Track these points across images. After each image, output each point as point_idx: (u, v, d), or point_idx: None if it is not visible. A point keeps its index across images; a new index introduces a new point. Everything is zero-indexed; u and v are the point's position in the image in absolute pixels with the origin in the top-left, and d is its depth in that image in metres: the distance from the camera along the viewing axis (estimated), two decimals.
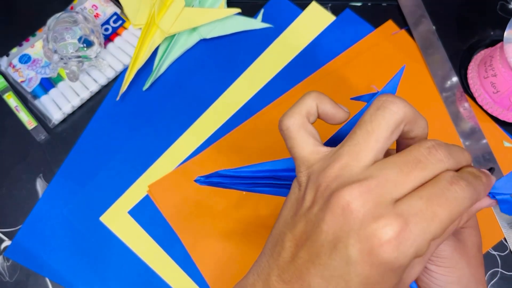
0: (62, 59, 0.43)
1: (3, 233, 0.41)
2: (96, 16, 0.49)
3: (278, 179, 0.28)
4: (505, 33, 0.40)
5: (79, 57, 0.44)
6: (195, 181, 0.30)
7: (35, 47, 0.47)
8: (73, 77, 0.44)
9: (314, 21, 0.48)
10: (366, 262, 0.20)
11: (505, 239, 0.40)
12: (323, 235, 0.21)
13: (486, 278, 0.39)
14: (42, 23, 0.46)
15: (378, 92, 0.27)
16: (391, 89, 0.27)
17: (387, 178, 0.21)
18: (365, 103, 0.27)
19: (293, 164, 0.26)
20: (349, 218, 0.20)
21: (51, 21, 0.44)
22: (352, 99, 0.29)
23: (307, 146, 0.25)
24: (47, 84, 0.45)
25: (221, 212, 0.41)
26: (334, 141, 0.27)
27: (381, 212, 0.20)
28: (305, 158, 0.24)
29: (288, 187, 0.27)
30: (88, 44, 0.44)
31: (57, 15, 0.44)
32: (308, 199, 0.23)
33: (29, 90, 0.45)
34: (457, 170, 0.23)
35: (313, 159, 0.24)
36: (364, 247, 0.20)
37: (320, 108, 0.27)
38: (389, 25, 0.48)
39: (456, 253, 0.28)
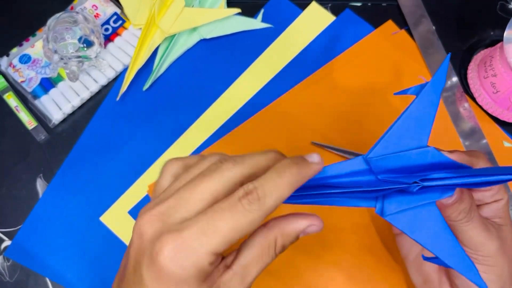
0: (62, 59, 0.43)
1: (3, 233, 0.41)
2: (96, 16, 0.49)
3: (343, 185, 0.26)
4: (505, 33, 0.40)
5: (79, 57, 0.44)
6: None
7: (35, 47, 0.47)
8: (73, 77, 0.44)
9: (314, 21, 0.48)
10: (153, 277, 0.21)
11: None
12: (130, 261, 0.23)
13: None
14: (42, 23, 0.46)
15: (426, 83, 0.26)
16: (439, 80, 0.26)
17: (178, 197, 0.23)
18: (414, 96, 0.27)
19: (361, 165, 0.26)
20: (142, 241, 0.22)
21: (51, 21, 0.44)
22: (396, 94, 0.29)
23: None
24: (47, 84, 0.46)
25: None
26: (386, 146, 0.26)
27: (164, 230, 0.21)
28: None
29: (359, 194, 0.26)
30: (88, 44, 0.44)
31: (57, 15, 0.44)
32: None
33: (29, 90, 0.45)
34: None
35: None
36: (150, 264, 0.21)
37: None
38: (389, 25, 0.48)
39: (500, 251, 0.28)
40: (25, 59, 0.46)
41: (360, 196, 0.26)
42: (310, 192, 0.26)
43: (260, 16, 0.49)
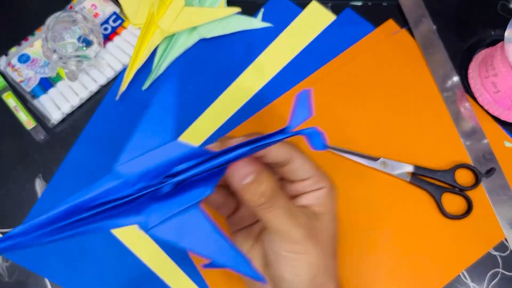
0: (61, 58, 0.43)
1: (2, 233, 0.41)
2: (96, 15, 0.48)
3: (94, 207, 0.23)
4: (506, 33, 0.40)
5: (78, 56, 0.43)
6: None
7: (34, 46, 0.47)
8: (72, 77, 0.44)
9: (314, 20, 0.48)
10: None
11: (506, 239, 0.40)
12: None
13: (486, 279, 0.39)
14: (41, 22, 0.46)
15: (160, 91, 0.26)
16: (172, 81, 0.26)
17: None
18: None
19: (109, 183, 0.23)
20: None
21: (50, 21, 0.43)
22: None
23: None
24: (46, 84, 0.45)
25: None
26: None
27: None
28: None
29: (121, 211, 0.23)
30: (87, 43, 0.43)
31: (56, 14, 0.44)
32: None
33: (28, 89, 0.45)
34: None
35: None
36: None
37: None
38: (390, 25, 0.48)
39: (308, 238, 0.28)
40: (24, 58, 0.46)
41: (122, 213, 0.24)
42: (69, 221, 0.22)
43: (260, 15, 0.48)
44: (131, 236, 0.40)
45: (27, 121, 0.44)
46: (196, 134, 0.44)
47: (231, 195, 0.32)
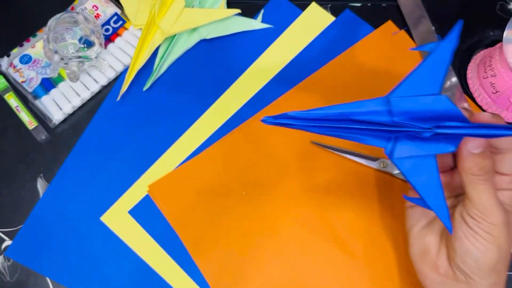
0: (62, 59, 0.43)
1: (4, 232, 0.41)
2: (97, 16, 0.49)
3: (362, 122, 0.28)
4: (505, 33, 0.40)
5: (79, 57, 0.44)
6: (262, 120, 0.29)
7: (35, 47, 0.47)
8: (74, 78, 0.44)
9: (314, 21, 0.48)
10: None
11: None
12: None
13: None
14: (43, 23, 0.46)
15: (440, 40, 0.29)
16: (452, 39, 0.29)
17: None
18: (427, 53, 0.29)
19: (377, 106, 0.28)
20: None
21: (51, 22, 0.44)
22: (412, 49, 0.32)
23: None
24: (48, 84, 0.46)
25: (221, 211, 0.41)
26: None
27: None
28: None
29: (374, 133, 0.28)
30: (89, 44, 0.44)
31: (58, 15, 0.44)
32: None
33: (30, 90, 0.45)
34: None
35: None
36: None
37: None
38: (389, 26, 0.48)
39: (506, 226, 0.29)
40: (26, 59, 0.47)
41: (375, 135, 0.29)
42: (332, 125, 0.28)
43: (260, 16, 0.49)
44: (133, 236, 0.41)
45: (29, 121, 0.44)
46: (196, 135, 0.44)
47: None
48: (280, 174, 0.42)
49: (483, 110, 0.44)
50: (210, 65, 0.47)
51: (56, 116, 0.44)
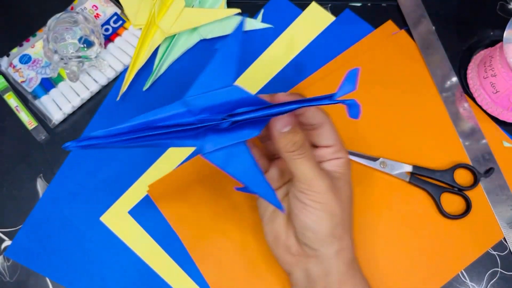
0: (62, 59, 0.43)
1: (4, 233, 0.41)
2: (97, 16, 0.49)
3: (167, 127, 0.29)
4: (505, 33, 0.40)
5: (79, 57, 0.44)
6: (63, 147, 0.29)
7: (35, 47, 0.47)
8: (74, 77, 0.44)
9: (314, 21, 0.48)
10: None
11: (504, 239, 0.40)
12: None
13: (485, 278, 0.39)
14: (43, 23, 0.46)
15: (227, 36, 0.30)
16: (238, 32, 0.31)
17: None
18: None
19: (177, 109, 0.29)
20: None
21: (51, 21, 0.44)
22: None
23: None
24: (48, 84, 0.46)
25: (221, 211, 0.41)
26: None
27: None
28: None
29: (182, 134, 0.29)
30: (89, 44, 0.44)
31: (58, 15, 0.44)
32: None
33: (30, 90, 0.45)
34: None
35: None
36: None
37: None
38: (389, 25, 0.48)
39: (331, 191, 0.31)
40: (26, 59, 0.46)
41: (181, 136, 0.29)
42: (138, 135, 0.28)
43: (260, 16, 0.49)
44: (132, 236, 0.41)
45: (28, 121, 0.44)
46: None
47: (264, 157, 0.36)
48: None
49: (483, 110, 0.44)
50: None
51: (56, 116, 0.44)
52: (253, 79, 0.46)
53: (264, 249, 0.40)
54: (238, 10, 0.48)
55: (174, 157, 0.43)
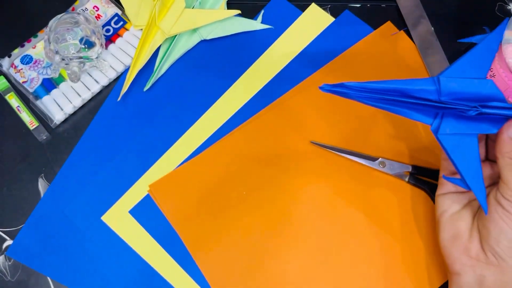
0: (63, 59, 0.44)
1: (5, 232, 0.42)
2: (98, 17, 0.49)
3: (412, 97, 0.30)
4: (504, 34, 0.40)
5: (80, 58, 0.44)
6: (320, 88, 0.31)
7: (36, 48, 0.47)
8: (75, 78, 0.44)
9: (314, 22, 0.49)
10: None
11: None
12: None
13: None
14: (44, 24, 0.46)
15: (488, 33, 0.31)
16: (499, 33, 0.31)
17: None
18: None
19: (427, 85, 0.30)
20: None
21: (52, 22, 0.44)
22: (460, 41, 0.34)
23: None
24: (49, 85, 0.46)
25: (222, 211, 0.41)
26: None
27: None
28: None
29: (422, 108, 0.30)
30: (90, 45, 0.44)
31: (59, 16, 0.44)
32: None
33: (31, 90, 0.46)
34: None
35: None
36: None
37: None
38: (388, 26, 0.48)
39: None
40: (27, 59, 0.47)
41: (422, 110, 0.31)
42: (384, 97, 0.30)
43: (260, 17, 0.49)
44: (133, 235, 0.41)
45: (30, 122, 0.44)
46: (196, 134, 0.44)
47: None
48: (279, 175, 0.42)
49: None
50: (211, 65, 0.47)
51: (57, 116, 0.44)
52: (253, 80, 0.46)
53: (264, 248, 0.40)
54: (238, 11, 0.48)
55: (174, 156, 0.43)
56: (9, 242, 0.41)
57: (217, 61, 0.47)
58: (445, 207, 0.36)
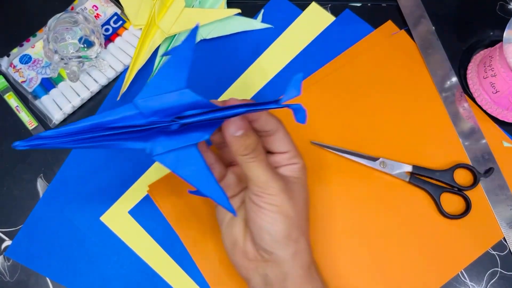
0: (62, 59, 0.43)
1: (4, 232, 0.41)
2: (97, 16, 0.49)
3: (118, 128, 0.29)
4: (505, 34, 0.40)
5: (79, 57, 0.44)
6: (13, 146, 0.30)
7: (35, 47, 0.47)
8: (74, 77, 0.44)
9: (314, 21, 0.48)
10: None
11: (504, 239, 0.40)
12: None
13: (485, 278, 0.39)
14: (43, 23, 0.46)
15: (181, 42, 0.31)
16: (191, 38, 0.31)
17: None
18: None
19: (128, 111, 0.29)
20: None
21: (51, 22, 0.44)
22: (163, 55, 0.34)
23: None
24: (48, 84, 0.46)
25: None
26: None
27: None
28: None
29: (133, 136, 0.29)
30: (89, 44, 0.44)
31: (58, 15, 0.44)
32: None
33: (30, 90, 0.45)
34: None
35: None
36: None
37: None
38: (389, 26, 0.48)
39: (285, 192, 0.31)
40: (26, 59, 0.47)
41: (133, 137, 0.29)
42: (88, 136, 0.29)
43: (260, 16, 0.49)
44: (132, 236, 0.41)
45: (29, 121, 0.44)
46: None
47: (219, 161, 0.35)
48: None
49: (483, 110, 0.44)
50: (210, 65, 0.47)
51: (56, 116, 0.44)
52: (253, 80, 0.46)
53: None
54: (238, 10, 0.48)
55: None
56: (8, 242, 0.41)
57: (217, 60, 0.47)
58: (222, 215, 0.35)
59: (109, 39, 0.48)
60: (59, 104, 0.45)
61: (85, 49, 0.44)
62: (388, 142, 0.43)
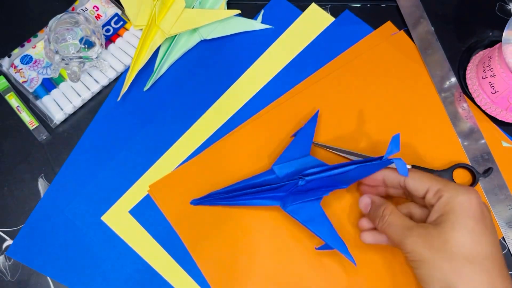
0: (63, 59, 0.44)
1: (5, 232, 0.42)
2: (97, 17, 0.49)
3: (259, 186, 0.39)
4: (504, 34, 0.40)
5: (80, 57, 0.44)
6: (191, 203, 0.41)
7: (36, 47, 0.47)
8: (75, 78, 0.44)
9: (314, 22, 0.49)
10: None
11: (503, 238, 0.40)
12: None
13: None
14: (44, 24, 0.46)
15: (306, 122, 0.42)
16: (314, 120, 0.42)
17: None
18: None
19: (268, 175, 0.39)
20: None
21: (52, 22, 0.44)
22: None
23: None
24: (49, 85, 0.46)
25: (221, 211, 0.41)
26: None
27: None
28: None
29: (270, 196, 0.39)
30: (89, 44, 0.44)
31: (59, 16, 0.44)
32: None
33: (31, 90, 0.46)
34: None
35: None
36: None
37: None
38: (388, 26, 0.48)
39: (419, 245, 0.30)
40: (27, 59, 0.47)
41: (268, 196, 0.39)
42: (238, 193, 0.39)
43: (260, 17, 0.49)
44: (133, 235, 0.41)
45: (30, 121, 0.44)
46: (196, 135, 0.44)
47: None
48: None
49: (482, 110, 0.45)
50: (210, 65, 0.47)
51: (57, 116, 0.44)
52: (253, 80, 0.46)
53: (263, 248, 0.40)
54: (238, 11, 0.48)
55: (174, 157, 0.43)
56: (9, 242, 0.41)
57: (217, 61, 0.47)
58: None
59: (109, 39, 0.48)
60: (60, 104, 0.45)
61: (86, 49, 0.44)
62: (388, 142, 0.43)
